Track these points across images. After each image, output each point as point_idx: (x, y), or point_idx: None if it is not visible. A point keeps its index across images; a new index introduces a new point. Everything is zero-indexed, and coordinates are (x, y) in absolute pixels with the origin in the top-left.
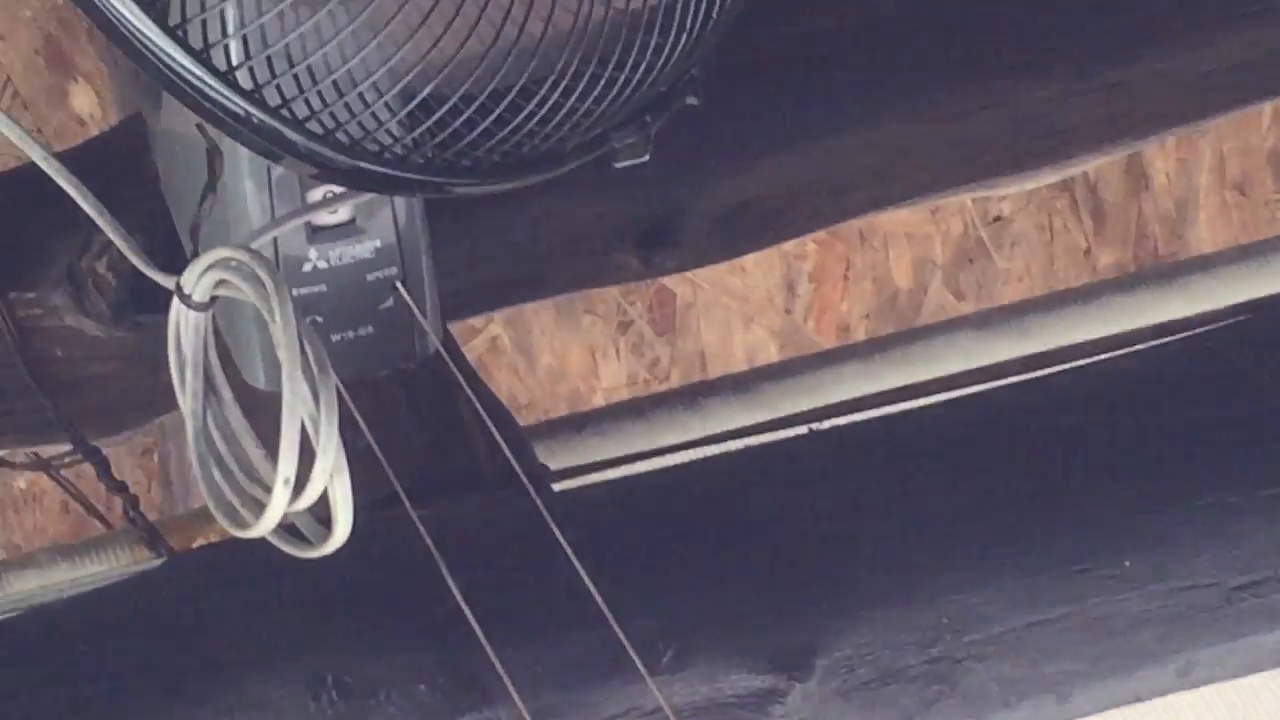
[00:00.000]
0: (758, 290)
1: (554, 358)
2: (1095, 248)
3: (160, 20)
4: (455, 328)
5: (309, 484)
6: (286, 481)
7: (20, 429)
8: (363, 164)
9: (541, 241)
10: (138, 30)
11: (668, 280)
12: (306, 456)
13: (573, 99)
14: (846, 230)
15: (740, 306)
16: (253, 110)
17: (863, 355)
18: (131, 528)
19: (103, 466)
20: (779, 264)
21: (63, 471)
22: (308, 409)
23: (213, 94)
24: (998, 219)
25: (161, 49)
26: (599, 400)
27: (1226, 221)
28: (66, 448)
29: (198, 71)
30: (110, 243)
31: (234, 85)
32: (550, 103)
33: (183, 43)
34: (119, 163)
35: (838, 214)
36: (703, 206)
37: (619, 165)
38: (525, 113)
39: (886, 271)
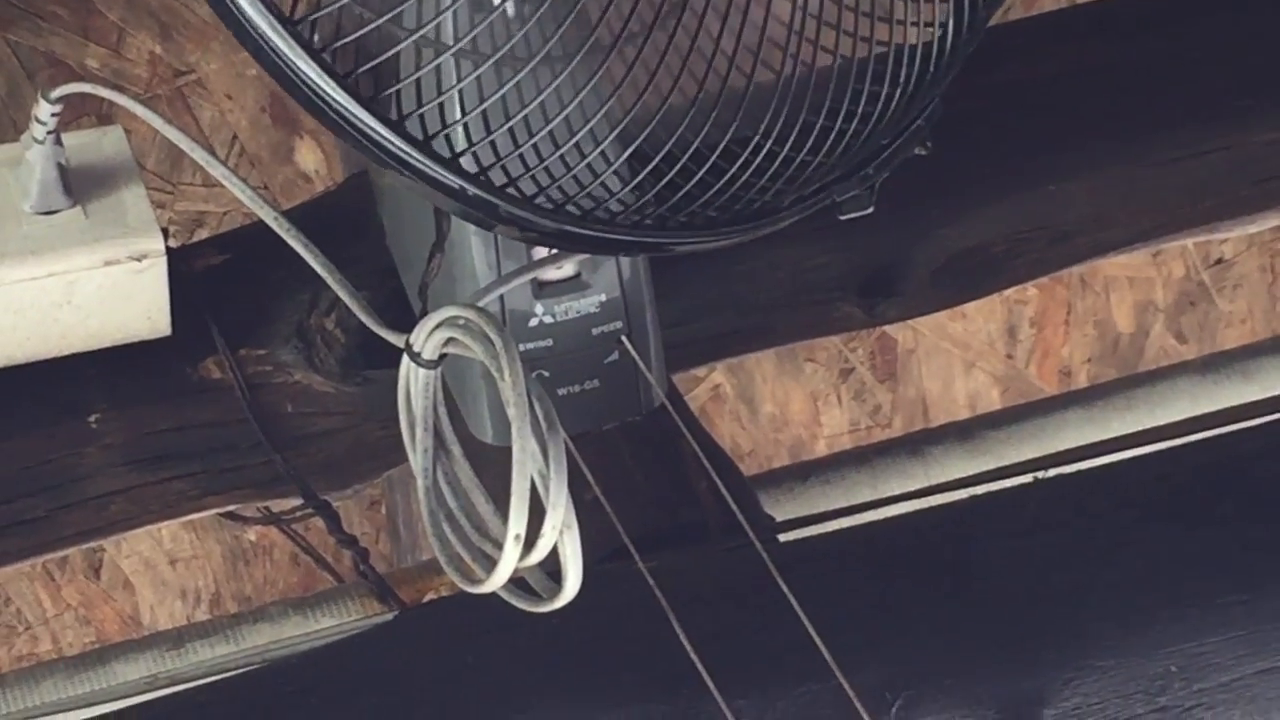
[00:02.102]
0: (979, 335)
1: (776, 406)
2: None
3: (381, 115)
4: (677, 377)
5: (539, 540)
6: (517, 538)
7: (251, 484)
8: (588, 231)
9: (765, 293)
10: (357, 120)
11: (888, 327)
12: (536, 512)
13: (786, 148)
14: (1068, 275)
15: (961, 352)
16: (472, 188)
17: (1086, 401)
18: (362, 581)
19: (332, 520)
20: (1000, 309)
21: (293, 525)
22: (537, 465)
23: (438, 177)
24: (1219, 261)
25: (384, 137)
26: (821, 447)
27: None
28: (296, 502)
29: (423, 160)
30: (338, 300)
31: (458, 171)
32: (764, 152)
33: (405, 134)
34: (346, 220)
35: (1059, 260)
36: (924, 256)
37: (844, 217)
38: (740, 162)
39: (1108, 315)
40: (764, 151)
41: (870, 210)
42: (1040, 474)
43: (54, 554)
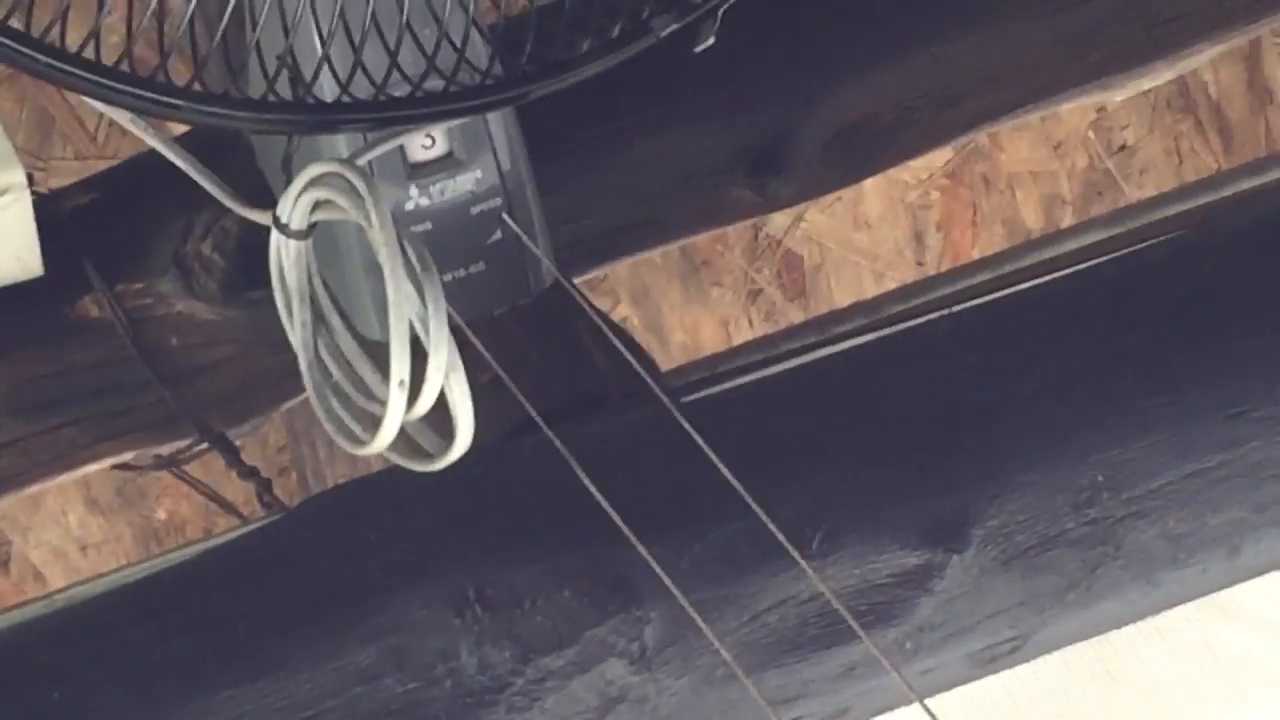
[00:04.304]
0: (885, 244)
1: (686, 333)
2: (1226, 166)
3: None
4: None
5: (424, 385)
6: (401, 384)
7: (143, 425)
8: (437, 109)
9: (651, 181)
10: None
11: (793, 244)
12: (419, 368)
13: None
14: (969, 175)
15: (870, 263)
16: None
17: (994, 266)
18: (267, 513)
19: (231, 453)
20: (904, 215)
21: (192, 473)
22: (414, 308)
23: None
24: (1123, 148)
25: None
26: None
27: None
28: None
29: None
30: (212, 224)
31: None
32: None
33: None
34: (214, 144)
35: (950, 129)
36: (811, 129)
37: (697, 50)
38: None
39: (1015, 213)
40: None
41: (712, 40)
42: (948, 310)
43: None
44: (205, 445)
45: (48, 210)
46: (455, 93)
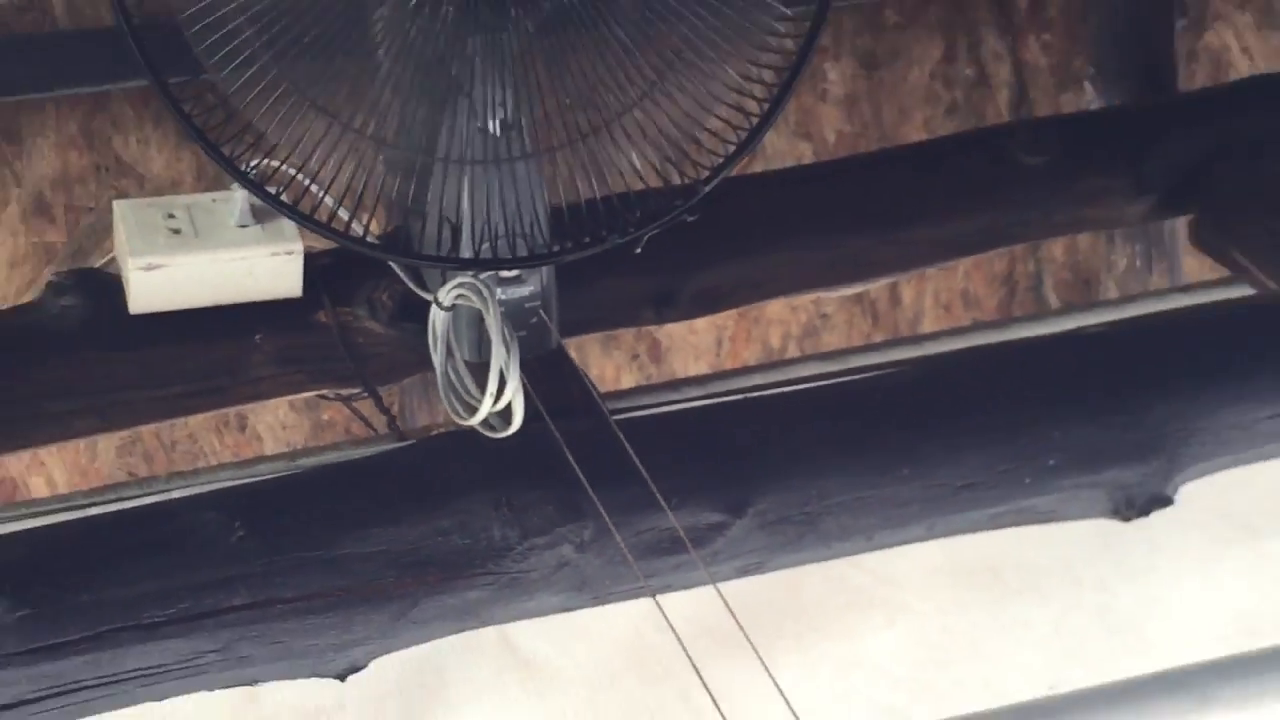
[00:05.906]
0: (704, 341)
1: (599, 370)
2: None
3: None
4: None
5: (503, 396)
6: (490, 394)
7: (336, 378)
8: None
9: (597, 300)
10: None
11: (657, 334)
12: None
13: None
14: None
15: (694, 350)
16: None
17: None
18: (392, 433)
19: (378, 398)
20: (712, 330)
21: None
22: (502, 359)
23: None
24: (824, 316)
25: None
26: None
27: None
28: (356, 390)
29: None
30: (389, 286)
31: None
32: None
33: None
34: None
35: (760, 296)
36: (689, 288)
37: (637, 251)
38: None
39: (766, 336)
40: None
41: (638, 250)
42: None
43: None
44: (366, 394)
45: (307, 262)
46: (523, 257)
